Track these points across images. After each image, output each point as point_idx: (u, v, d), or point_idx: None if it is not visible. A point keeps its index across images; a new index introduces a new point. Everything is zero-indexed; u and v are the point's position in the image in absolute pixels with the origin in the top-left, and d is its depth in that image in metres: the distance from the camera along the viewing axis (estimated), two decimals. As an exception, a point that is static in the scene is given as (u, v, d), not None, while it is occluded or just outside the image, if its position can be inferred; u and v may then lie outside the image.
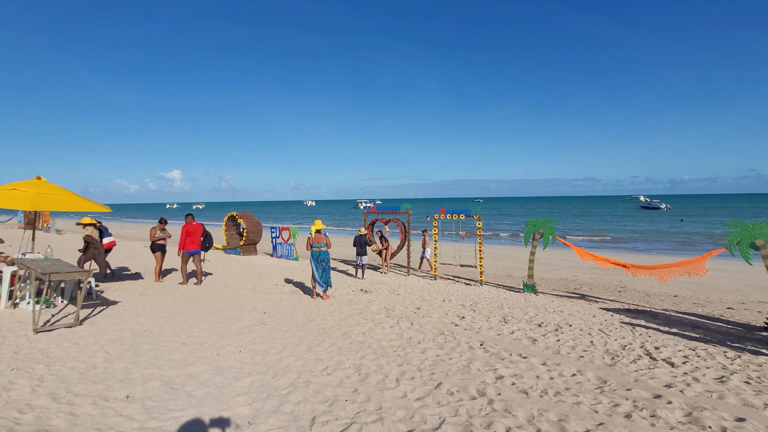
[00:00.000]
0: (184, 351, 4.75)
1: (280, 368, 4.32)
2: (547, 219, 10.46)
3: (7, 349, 4.53)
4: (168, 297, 7.72)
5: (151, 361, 4.37)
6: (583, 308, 8.50)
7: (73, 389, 3.60)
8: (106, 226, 8.49)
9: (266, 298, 8.12)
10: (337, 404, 3.50)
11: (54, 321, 5.71)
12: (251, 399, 3.55)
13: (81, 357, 4.41)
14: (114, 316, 6.13)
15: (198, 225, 9.07)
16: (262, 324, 6.09)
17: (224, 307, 7.15)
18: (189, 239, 8.89)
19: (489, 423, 3.23)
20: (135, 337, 5.20)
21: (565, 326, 6.66)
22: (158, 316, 6.26)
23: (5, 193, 5.87)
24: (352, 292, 9.19)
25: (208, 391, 3.68)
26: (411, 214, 13.59)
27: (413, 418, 3.31)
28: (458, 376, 4.22)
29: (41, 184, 6.53)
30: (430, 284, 11.12)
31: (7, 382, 3.68)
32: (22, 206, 5.79)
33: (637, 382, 4.19)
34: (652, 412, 3.44)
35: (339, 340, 5.40)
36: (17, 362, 4.17)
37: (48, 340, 4.91)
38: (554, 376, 4.30)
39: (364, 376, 4.17)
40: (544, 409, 3.48)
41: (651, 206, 71.33)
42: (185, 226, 9.07)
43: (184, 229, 9.02)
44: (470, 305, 8.20)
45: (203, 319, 6.22)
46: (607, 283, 12.51)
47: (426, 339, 5.59)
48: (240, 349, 4.90)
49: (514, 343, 5.59)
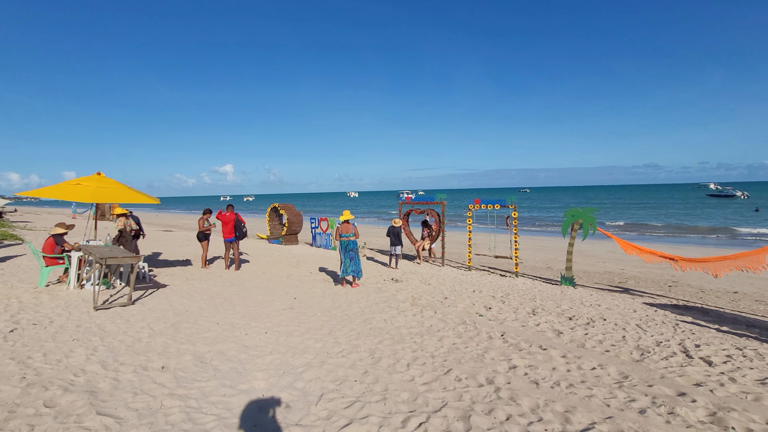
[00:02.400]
0: (217, 330, 5.18)
1: (299, 349, 4.59)
2: (587, 208, 9.94)
3: (71, 323, 5.21)
4: (210, 282, 8.36)
5: (187, 338, 4.82)
6: (624, 302, 8.05)
7: (120, 359, 4.10)
8: (138, 216, 9.26)
9: (299, 285, 8.53)
10: (346, 384, 3.69)
11: (112, 300, 6.44)
12: (269, 375, 3.83)
13: (130, 332, 4.97)
14: (162, 298, 6.78)
15: (231, 215, 9.69)
16: (291, 308, 6.45)
17: (259, 292, 7.63)
18: (225, 228, 9.57)
19: (491, 409, 3.25)
20: (177, 316, 5.74)
21: (599, 320, 6.37)
22: (199, 299, 6.83)
23: (71, 188, 6.67)
24: (383, 281, 9.37)
25: (232, 366, 4.02)
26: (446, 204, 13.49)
27: (416, 400, 3.40)
28: (470, 364, 4.24)
29: (101, 179, 7.33)
30: (463, 275, 11.03)
31: (68, 350, 4.26)
32: (84, 199, 6.55)
33: (663, 379, 3.97)
34: (670, 410, 3.27)
35: (360, 326, 5.60)
36: (78, 334, 4.79)
37: (105, 316, 5.56)
38: (572, 369, 4.19)
39: (376, 359, 4.32)
40: (551, 400, 3.42)
41: (723, 194, 64.45)
42: (219, 216, 9.76)
43: (219, 218, 9.73)
44: (501, 296, 8.06)
45: (238, 303, 6.69)
46: (657, 277, 11.67)
47: (446, 327, 5.63)
48: (266, 330, 5.25)
49: (537, 335, 5.47)
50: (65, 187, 6.84)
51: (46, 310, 5.72)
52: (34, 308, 5.80)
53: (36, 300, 6.24)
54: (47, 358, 4.01)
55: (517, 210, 11.62)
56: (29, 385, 3.40)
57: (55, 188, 6.91)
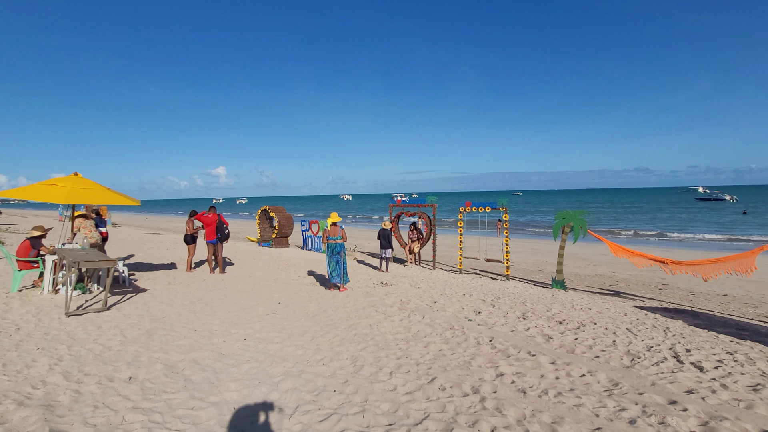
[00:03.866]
0: (193, 337, 4.96)
1: (279, 357, 4.39)
2: (578, 211, 9.88)
3: (39, 330, 4.95)
4: (193, 286, 8.12)
5: (161, 346, 4.60)
6: (615, 306, 7.96)
7: (85, 369, 3.86)
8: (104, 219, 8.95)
9: (286, 288, 8.31)
10: (324, 394, 3.50)
11: (86, 306, 6.18)
12: (243, 385, 3.63)
13: (100, 339, 4.72)
14: (140, 303, 6.52)
15: (213, 216, 9.45)
16: (274, 314, 6.24)
17: (243, 296, 7.40)
18: (207, 230, 9.33)
19: (474, 421, 3.08)
20: (153, 322, 5.50)
21: (589, 324, 6.26)
22: (179, 304, 6.59)
23: (45, 188, 6.41)
24: (372, 284, 9.19)
25: (204, 376, 3.81)
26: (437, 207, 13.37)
27: (397, 411, 3.23)
28: (455, 372, 4.07)
29: (77, 180, 7.06)
30: (454, 278, 10.90)
31: (30, 360, 4.01)
32: (59, 200, 6.29)
33: (653, 386, 3.84)
34: (661, 419, 3.13)
35: (344, 332, 5.41)
36: (45, 342, 4.54)
37: (76, 323, 5.31)
38: (561, 376, 4.04)
39: (358, 367, 4.14)
40: (538, 410, 3.27)
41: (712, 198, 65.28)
42: (200, 217, 9.51)
43: (201, 220, 9.47)
44: (491, 300, 7.93)
45: (220, 308, 6.47)
46: (647, 280, 11.64)
47: (433, 333, 5.46)
48: (246, 337, 5.04)
49: (526, 340, 5.32)
50: (39, 188, 6.57)
51: (14, 317, 5.45)
52: (2, 314, 5.52)
53: (5, 306, 5.96)
54: (6, 368, 3.77)
55: (510, 213, 11.54)
56: (-19, 398, 3.17)
57: (28, 189, 6.63)
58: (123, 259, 8.67)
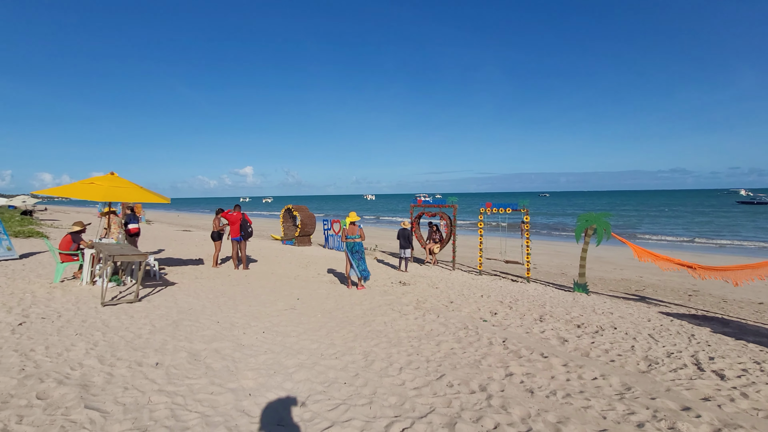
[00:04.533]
0: (216, 328, 5.23)
1: (294, 349, 4.58)
2: (602, 213, 9.64)
3: (78, 318, 5.36)
4: (218, 281, 8.48)
5: (186, 335, 4.88)
6: (639, 311, 7.74)
7: (117, 354, 4.17)
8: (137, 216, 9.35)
9: (305, 285, 8.55)
10: (335, 386, 3.65)
11: (120, 297, 6.61)
12: (259, 374, 3.83)
13: (132, 328, 5.07)
14: (168, 295, 6.90)
15: (238, 215, 9.85)
16: (292, 309, 6.46)
17: (264, 292, 7.68)
18: (232, 228, 9.75)
19: (479, 417, 3.14)
20: (180, 314, 5.83)
21: (609, 329, 6.14)
22: (205, 297, 6.93)
23: (84, 187, 6.90)
24: (390, 284, 9.30)
25: (224, 365, 4.04)
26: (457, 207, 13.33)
27: (403, 405, 3.33)
28: (465, 370, 4.13)
29: (113, 179, 7.55)
30: (473, 279, 10.86)
31: (70, 344, 4.37)
32: (96, 198, 6.76)
33: (668, 391, 3.77)
34: (671, 425, 3.09)
35: (358, 328, 5.55)
36: (82, 329, 4.92)
37: (110, 312, 5.70)
38: (571, 378, 4.02)
39: (369, 362, 4.26)
40: (544, 410, 3.29)
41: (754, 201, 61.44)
42: (225, 215, 9.96)
43: (226, 218, 9.93)
44: (509, 302, 7.88)
45: (242, 302, 6.75)
46: (677, 286, 11.19)
47: (446, 332, 5.52)
48: (264, 330, 5.27)
49: (540, 342, 5.29)
50: (79, 186, 7.08)
51: (56, 305, 5.91)
52: (46, 303, 6.00)
53: (49, 295, 6.46)
54: (49, 351, 4.13)
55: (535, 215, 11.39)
56: (27, 376, 3.50)
57: (70, 187, 7.16)
58: (154, 254, 9.17)
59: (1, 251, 9.60)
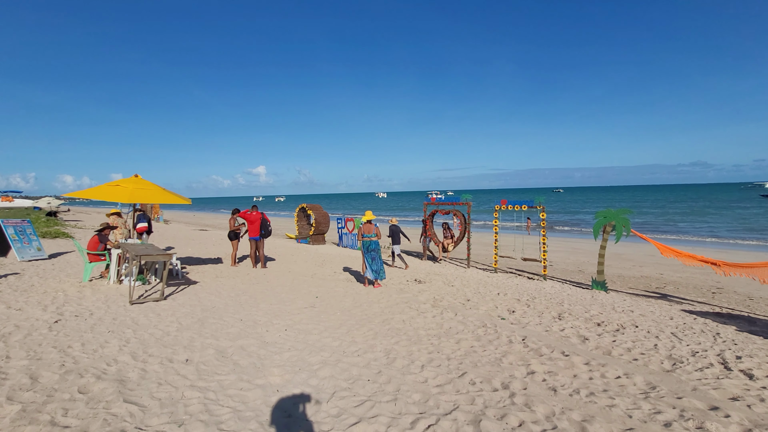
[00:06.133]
0: (240, 326, 5.36)
1: (316, 347, 4.68)
2: (620, 210, 9.49)
3: (109, 316, 5.56)
4: (238, 279, 8.67)
5: (212, 333, 5.03)
6: (661, 309, 7.62)
7: (149, 350, 4.33)
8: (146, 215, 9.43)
9: (322, 284, 8.67)
10: (359, 383, 3.72)
11: (146, 295, 6.82)
12: (285, 371, 3.93)
13: (160, 325, 5.24)
14: (191, 294, 7.10)
15: (257, 214, 10.03)
16: (312, 307, 6.57)
17: (283, 290, 7.83)
18: (251, 227, 9.93)
19: (503, 414, 3.17)
20: (204, 312, 6.00)
21: (630, 327, 6.08)
22: (226, 296, 7.10)
23: (111, 189, 7.13)
24: (405, 282, 9.36)
25: (251, 362, 4.16)
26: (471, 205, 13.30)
27: (427, 402, 3.38)
28: (486, 368, 4.16)
29: (138, 181, 7.78)
30: (488, 277, 10.83)
31: (104, 341, 4.55)
32: (122, 199, 6.98)
33: (695, 391, 3.73)
34: (699, 424, 3.07)
35: (378, 326, 5.62)
36: (114, 326, 5.11)
37: (139, 310, 5.90)
38: (594, 377, 4.02)
39: (391, 360, 4.33)
40: (569, 408, 3.30)
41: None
42: (244, 215, 10.16)
43: (244, 217, 10.13)
44: (526, 300, 7.86)
45: (262, 300, 6.90)
46: (700, 283, 10.95)
47: (465, 330, 5.55)
48: (286, 327, 5.39)
49: (561, 340, 5.28)
50: (105, 189, 7.32)
51: (87, 303, 6.14)
52: (78, 301, 6.24)
53: (79, 294, 6.71)
54: (85, 347, 4.31)
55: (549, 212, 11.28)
56: (67, 372, 3.67)
57: (97, 189, 7.41)
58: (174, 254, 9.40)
59: (32, 251, 9.99)
